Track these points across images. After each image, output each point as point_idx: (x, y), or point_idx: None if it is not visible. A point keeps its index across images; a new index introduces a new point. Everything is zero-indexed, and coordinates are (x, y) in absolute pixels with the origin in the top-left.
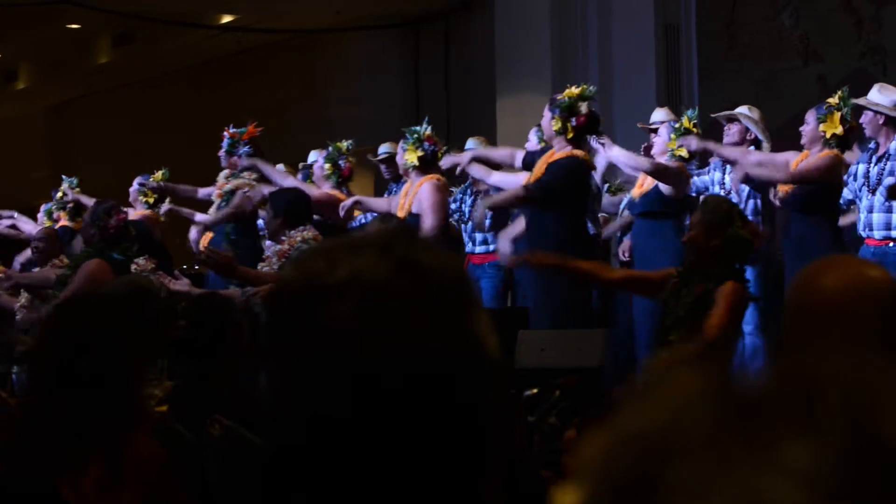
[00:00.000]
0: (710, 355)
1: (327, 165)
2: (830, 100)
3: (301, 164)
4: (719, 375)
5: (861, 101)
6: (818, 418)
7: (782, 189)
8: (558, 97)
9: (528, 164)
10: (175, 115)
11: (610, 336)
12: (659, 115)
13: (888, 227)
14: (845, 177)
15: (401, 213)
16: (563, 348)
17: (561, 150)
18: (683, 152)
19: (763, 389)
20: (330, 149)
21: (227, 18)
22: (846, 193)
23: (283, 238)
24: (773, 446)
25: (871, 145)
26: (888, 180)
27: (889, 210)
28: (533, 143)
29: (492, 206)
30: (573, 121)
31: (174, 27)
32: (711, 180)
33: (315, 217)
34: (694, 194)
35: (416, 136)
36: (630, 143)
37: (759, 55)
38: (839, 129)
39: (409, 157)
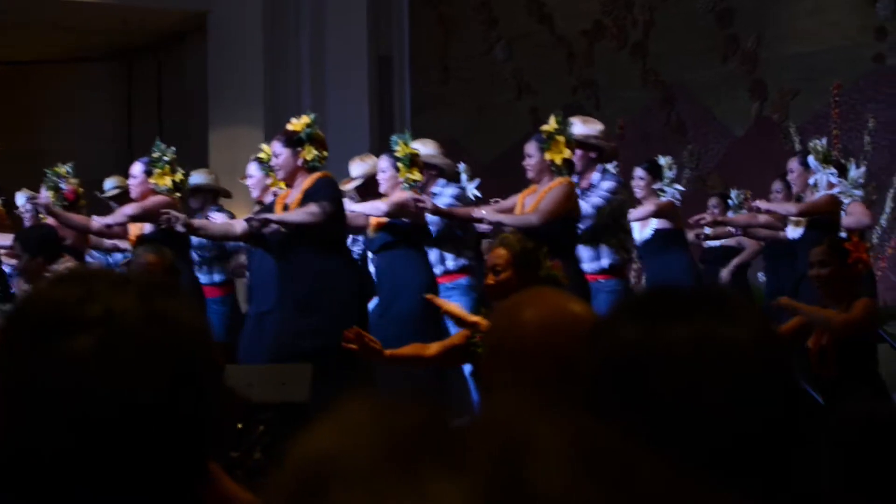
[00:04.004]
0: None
1: (49, 193)
2: (546, 127)
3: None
4: (391, 409)
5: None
6: (468, 460)
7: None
8: (289, 128)
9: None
10: None
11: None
12: (358, 168)
13: (598, 260)
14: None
15: (136, 232)
16: (270, 383)
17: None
18: (417, 176)
19: (422, 427)
20: (48, 174)
21: None
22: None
23: (48, 275)
24: (423, 485)
25: (574, 179)
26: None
27: (597, 244)
28: (256, 176)
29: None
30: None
31: None
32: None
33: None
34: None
35: (159, 164)
36: (341, 173)
37: (473, 88)
38: (567, 153)
39: (159, 181)
